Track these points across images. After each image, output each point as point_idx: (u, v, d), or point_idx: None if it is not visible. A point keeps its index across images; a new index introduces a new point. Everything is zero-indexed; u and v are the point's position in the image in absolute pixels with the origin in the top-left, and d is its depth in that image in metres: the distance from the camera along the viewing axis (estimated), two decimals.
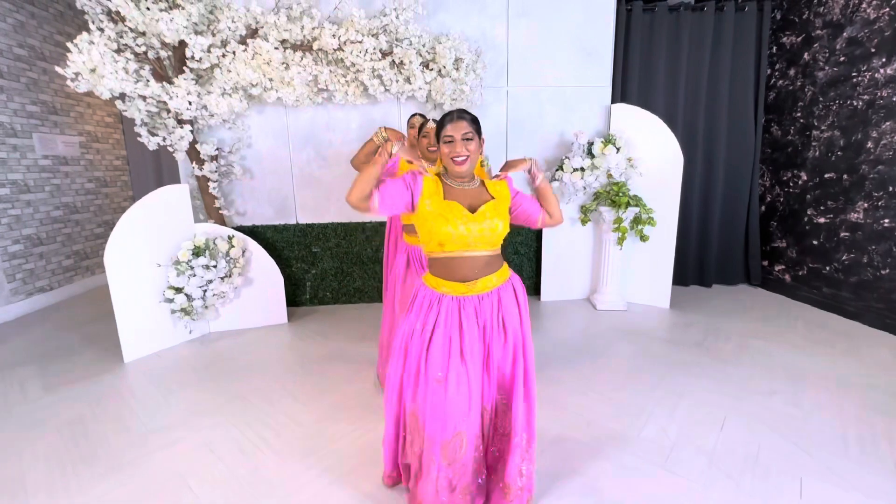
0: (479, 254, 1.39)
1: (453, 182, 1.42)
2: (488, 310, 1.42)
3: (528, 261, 3.88)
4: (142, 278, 2.82)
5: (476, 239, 1.36)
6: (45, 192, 4.03)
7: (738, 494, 1.61)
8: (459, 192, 1.41)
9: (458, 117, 1.37)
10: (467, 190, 1.42)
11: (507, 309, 1.43)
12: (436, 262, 1.43)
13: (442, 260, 1.40)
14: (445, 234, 1.34)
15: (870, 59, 3.14)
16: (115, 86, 2.73)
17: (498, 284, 1.44)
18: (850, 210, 3.33)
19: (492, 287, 1.42)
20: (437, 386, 1.36)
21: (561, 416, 2.11)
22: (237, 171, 3.35)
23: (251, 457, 1.86)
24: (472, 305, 1.40)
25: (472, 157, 1.37)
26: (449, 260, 1.39)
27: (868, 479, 1.67)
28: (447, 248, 1.37)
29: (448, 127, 1.36)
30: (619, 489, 1.64)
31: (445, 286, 1.41)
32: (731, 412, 2.13)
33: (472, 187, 1.43)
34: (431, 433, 1.37)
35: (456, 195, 1.40)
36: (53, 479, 1.75)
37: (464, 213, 1.35)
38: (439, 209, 1.35)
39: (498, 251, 1.44)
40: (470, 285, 1.40)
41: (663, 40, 3.76)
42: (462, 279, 1.40)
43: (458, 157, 1.36)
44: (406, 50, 3.05)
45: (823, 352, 2.77)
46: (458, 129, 1.35)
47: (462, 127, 1.35)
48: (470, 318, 1.39)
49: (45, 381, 2.57)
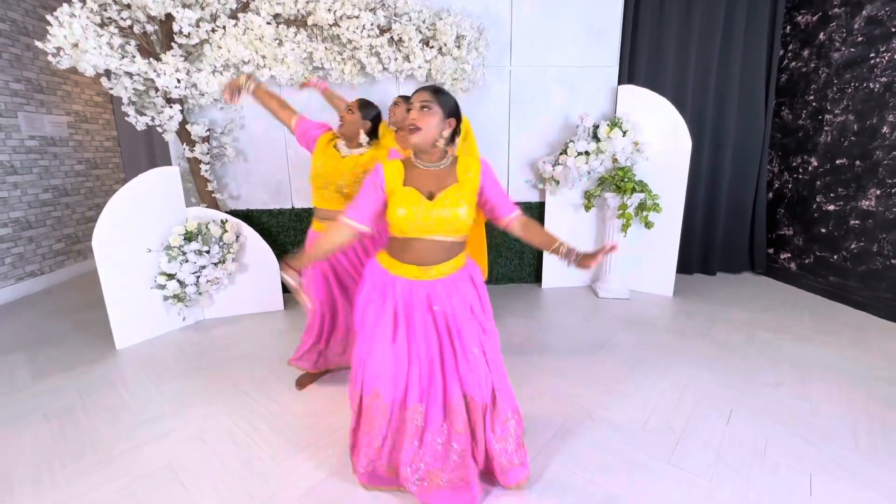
0: (441, 239, 1.34)
1: (420, 162, 1.36)
2: (444, 296, 1.37)
3: (530, 247, 3.79)
4: (132, 264, 2.73)
5: (435, 225, 1.30)
6: (33, 174, 3.91)
7: (746, 491, 1.56)
8: (422, 174, 1.35)
9: (423, 88, 1.33)
10: (431, 171, 1.35)
11: (465, 296, 1.40)
12: (395, 242, 1.39)
13: (401, 240, 1.36)
14: (401, 221, 1.30)
15: (890, 40, 3.01)
16: (98, 62, 2.60)
17: (453, 271, 1.39)
18: (861, 197, 3.24)
19: (447, 274, 1.37)
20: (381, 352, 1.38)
21: (562, 409, 2.05)
22: (230, 153, 3.23)
23: (245, 449, 1.81)
24: (425, 291, 1.37)
25: (425, 129, 1.29)
26: (408, 241, 1.35)
27: (880, 476, 1.63)
28: (408, 233, 1.33)
29: (413, 95, 1.33)
30: (623, 485, 1.59)
31: (399, 269, 1.37)
32: (737, 405, 2.07)
33: (438, 168, 1.36)
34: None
35: (417, 179, 1.34)
36: (40, 473, 1.69)
37: (421, 200, 1.30)
38: (398, 196, 1.31)
39: (463, 238, 1.38)
40: (424, 269, 1.35)
41: (673, 18, 3.60)
42: (417, 262, 1.35)
43: (410, 124, 1.29)
44: (405, 26, 2.90)
45: (831, 343, 2.71)
46: (418, 98, 1.30)
47: (422, 95, 1.30)
48: (421, 304, 1.36)
49: (35, 368, 2.51)
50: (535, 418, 1.97)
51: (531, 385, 2.25)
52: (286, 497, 1.55)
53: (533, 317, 3.15)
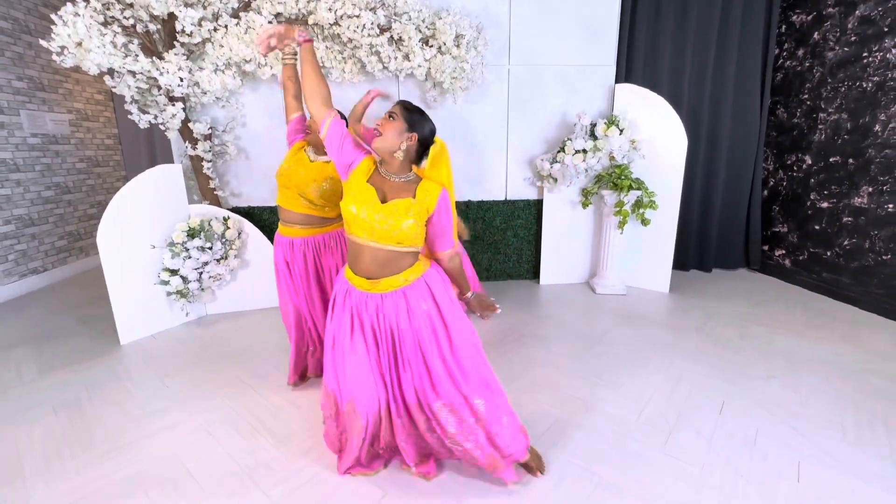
0: (382, 247, 1.35)
1: (384, 170, 1.42)
2: (392, 311, 1.40)
3: (528, 244, 3.84)
4: (136, 260, 2.77)
5: (379, 230, 1.33)
6: (36, 171, 3.94)
7: (736, 478, 1.62)
8: (382, 180, 1.40)
9: (399, 101, 1.42)
10: (390, 181, 1.39)
11: (419, 310, 1.40)
12: (350, 248, 1.44)
13: (351, 243, 1.41)
14: (349, 214, 1.34)
15: (882, 39, 3.05)
16: (102, 60, 2.63)
17: (404, 284, 1.40)
18: (853, 195, 3.29)
19: (395, 287, 1.39)
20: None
21: (559, 401, 2.11)
22: (232, 150, 3.27)
23: (249, 440, 1.85)
24: (375, 304, 1.40)
25: (386, 136, 1.36)
26: (354, 245, 1.40)
27: (865, 463, 1.68)
28: (353, 230, 1.37)
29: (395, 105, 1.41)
30: (617, 473, 1.64)
31: (353, 279, 1.43)
32: (729, 397, 2.13)
33: (398, 180, 1.40)
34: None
35: (377, 182, 1.39)
36: (50, 462, 1.74)
37: (373, 199, 1.34)
38: (355, 188, 1.36)
39: (407, 250, 1.37)
40: (373, 283, 1.39)
41: (670, 17, 3.64)
42: (364, 273, 1.39)
43: (378, 127, 1.38)
44: (405, 25, 2.94)
45: (822, 337, 2.77)
46: (392, 108, 1.39)
47: (394, 106, 1.39)
48: (370, 315, 1.41)
49: (41, 363, 2.55)
50: (532, 409, 2.02)
51: (528, 377, 2.31)
52: (290, 486, 1.60)
53: (531, 312, 3.20)
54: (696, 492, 1.56)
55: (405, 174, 1.41)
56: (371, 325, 1.42)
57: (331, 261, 2.08)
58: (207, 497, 1.56)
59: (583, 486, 1.58)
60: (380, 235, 1.33)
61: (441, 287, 1.45)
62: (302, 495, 1.55)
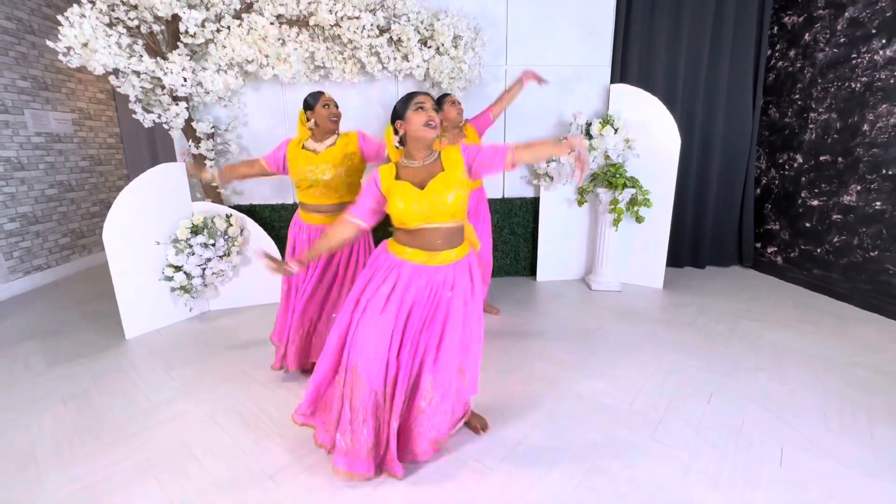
0: (440, 226, 1.47)
1: (409, 162, 1.51)
2: (441, 282, 1.52)
3: (525, 241, 3.91)
4: (141, 256, 2.83)
5: (431, 212, 1.44)
6: (40, 169, 4.00)
7: (721, 463, 1.69)
8: (411, 171, 1.50)
9: (424, 92, 1.50)
10: (416, 169, 1.49)
11: (464, 286, 1.55)
12: (399, 233, 1.53)
13: (405, 231, 1.50)
14: (401, 212, 1.44)
15: (870, 41, 3.13)
16: (107, 61, 2.69)
17: (457, 259, 1.54)
18: (843, 193, 3.37)
19: (450, 261, 1.52)
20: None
21: (553, 391, 2.17)
22: (234, 149, 3.33)
23: (254, 428, 1.92)
24: (428, 275, 1.50)
25: (439, 128, 1.48)
26: (410, 232, 1.49)
27: (845, 449, 1.76)
28: (407, 223, 1.47)
29: (419, 97, 1.47)
30: (608, 458, 1.71)
31: (407, 254, 1.50)
32: (718, 388, 2.20)
33: (424, 164, 1.50)
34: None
35: (406, 175, 1.49)
36: (62, 450, 1.80)
37: (413, 191, 1.44)
38: (393, 191, 1.46)
39: (458, 224, 1.52)
40: (431, 255, 1.49)
41: (664, 19, 3.71)
42: (424, 248, 1.49)
43: (431, 121, 1.45)
44: (404, 26, 3.00)
45: (811, 331, 2.84)
46: (427, 100, 1.48)
47: (430, 99, 1.48)
48: (422, 288, 1.51)
49: (49, 356, 2.61)
50: (527, 399, 2.10)
51: (525, 369, 2.37)
52: (294, 471, 1.67)
53: (528, 308, 3.27)
54: (683, 475, 1.63)
55: (430, 157, 1.52)
56: (413, 298, 1.50)
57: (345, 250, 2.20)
58: (215, 481, 1.62)
59: (574, 472, 1.65)
60: (432, 216, 1.44)
61: (477, 270, 1.62)
62: (305, 479, 1.62)
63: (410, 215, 1.44)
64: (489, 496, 1.54)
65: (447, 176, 1.46)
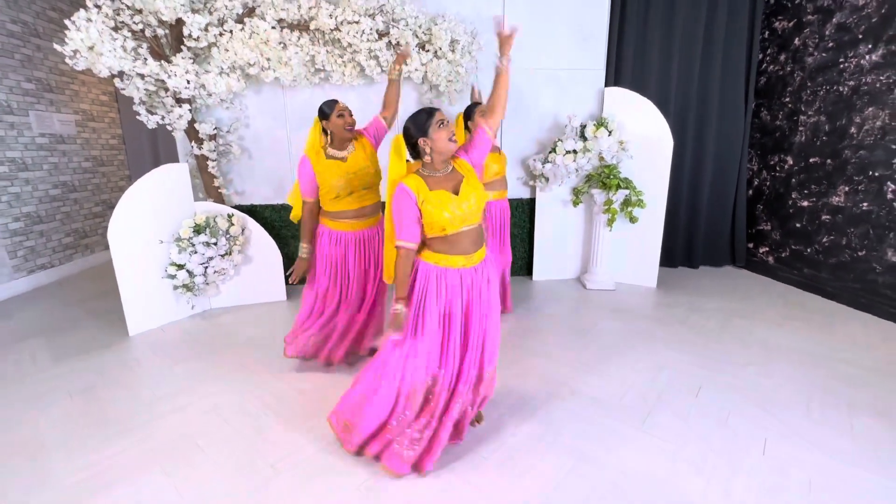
0: (472, 227, 1.57)
1: (432, 173, 1.57)
2: (481, 279, 1.62)
3: (521, 241, 3.98)
4: (145, 255, 2.89)
5: (466, 214, 1.53)
6: (44, 170, 4.06)
7: (707, 454, 1.75)
8: (439, 180, 1.56)
9: (436, 108, 1.57)
10: (443, 177, 1.57)
11: (491, 280, 1.66)
12: (437, 242, 1.58)
13: (443, 239, 1.56)
14: (444, 221, 1.51)
15: (857, 46, 3.21)
16: (113, 64, 2.76)
17: (484, 257, 1.64)
18: (831, 194, 3.45)
19: (480, 260, 1.62)
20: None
21: (548, 385, 2.24)
22: (235, 150, 3.39)
23: (256, 420, 1.98)
24: (470, 277, 1.60)
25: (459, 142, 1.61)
26: (449, 238, 1.56)
27: (826, 440, 1.82)
28: (449, 229, 1.53)
29: (438, 114, 1.55)
30: (598, 448, 1.78)
31: (448, 260, 1.58)
32: (706, 382, 2.27)
33: (446, 173, 1.58)
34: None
35: (438, 184, 1.55)
36: (70, 441, 1.86)
37: (451, 197, 1.52)
38: (432, 201, 1.50)
39: (480, 224, 1.63)
40: (469, 258, 1.59)
41: (657, 24, 3.79)
42: (463, 252, 1.58)
43: (453, 135, 1.55)
44: (402, 31, 3.08)
45: (800, 328, 2.91)
46: (444, 115, 1.57)
47: (446, 117, 1.58)
48: (466, 289, 1.61)
49: (54, 352, 2.67)
50: (522, 393, 2.16)
51: (520, 365, 2.44)
52: (294, 460, 1.73)
53: (524, 306, 3.33)
54: (670, 463, 1.69)
55: (449, 166, 1.61)
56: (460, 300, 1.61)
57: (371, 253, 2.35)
58: (219, 469, 1.68)
59: (566, 461, 1.71)
60: (469, 218, 1.56)
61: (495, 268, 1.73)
62: (305, 468, 1.68)
63: (453, 220, 1.52)
64: (483, 483, 1.60)
65: (470, 180, 1.59)
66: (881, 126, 3.07)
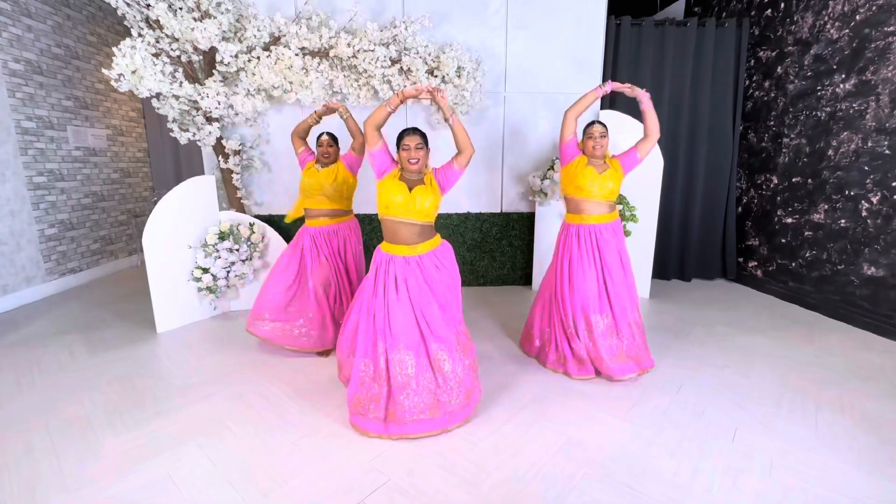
0: (413, 222, 1.94)
1: (408, 174, 1.98)
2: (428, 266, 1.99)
3: (521, 252, 4.22)
4: (174, 258, 3.16)
5: (408, 209, 1.91)
6: (77, 180, 4.37)
7: (681, 440, 1.95)
8: (407, 179, 1.99)
9: (412, 132, 1.96)
10: (411, 179, 1.99)
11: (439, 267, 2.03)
12: (385, 225, 1.99)
13: (387, 222, 1.97)
14: (389, 200, 1.92)
15: (832, 75, 3.47)
16: (153, 86, 3.07)
17: (433, 248, 2.02)
18: (812, 211, 3.67)
19: (427, 251, 1.98)
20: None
21: (542, 384, 2.45)
22: (257, 164, 3.69)
23: (277, 406, 2.21)
24: (415, 262, 1.96)
25: (421, 160, 1.96)
26: (392, 224, 1.95)
27: (792, 431, 2.02)
28: (391, 211, 1.93)
29: (406, 139, 1.95)
30: (583, 433, 1.99)
31: (394, 249, 1.98)
32: (687, 381, 2.47)
33: (416, 177, 2.00)
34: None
35: (404, 179, 1.98)
36: (114, 419, 2.09)
37: (404, 189, 1.93)
38: (391, 183, 1.94)
39: (429, 223, 2.00)
40: (413, 247, 1.97)
41: (650, 53, 4.09)
42: (404, 242, 1.96)
43: (412, 159, 1.94)
44: (413, 58, 3.38)
45: (779, 336, 3.11)
46: (413, 140, 1.94)
47: (415, 139, 1.95)
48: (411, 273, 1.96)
49: (90, 347, 2.92)
50: (515, 389, 2.37)
51: (515, 364, 2.65)
52: (314, 439, 1.95)
53: (523, 314, 3.54)
54: (646, 446, 1.90)
55: (420, 174, 2.01)
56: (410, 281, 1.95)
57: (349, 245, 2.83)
58: (246, 444, 1.91)
59: (553, 442, 1.92)
60: (410, 212, 1.92)
61: (447, 257, 2.07)
62: (324, 444, 1.90)
63: (394, 205, 1.91)
64: (479, 460, 1.81)
65: (427, 189, 1.96)
66: (854, 149, 3.31)
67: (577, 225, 2.52)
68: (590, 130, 2.54)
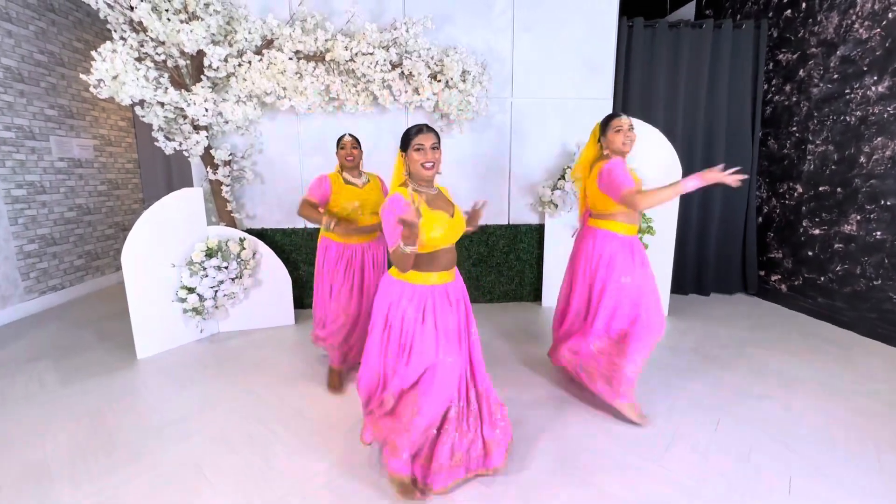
0: (452, 246, 1.65)
1: (425, 190, 1.59)
2: (460, 289, 1.72)
3: (531, 267, 3.97)
4: (156, 278, 2.91)
5: (455, 233, 1.60)
6: (60, 193, 4.14)
7: (729, 492, 1.69)
8: (435, 199, 1.60)
9: (426, 130, 1.54)
10: (438, 198, 1.62)
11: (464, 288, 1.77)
12: (422, 257, 1.57)
13: (428, 255, 1.57)
14: (437, 239, 1.54)
15: (862, 77, 3.25)
16: (135, 93, 2.85)
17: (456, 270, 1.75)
18: (843, 222, 3.43)
19: (455, 271, 1.71)
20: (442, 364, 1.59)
21: (561, 418, 2.19)
22: (249, 175, 3.46)
23: (263, 448, 1.94)
24: (455, 288, 1.68)
25: (436, 165, 1.56)
26: (434, 254, 1.59)
27: (853, 478, 1.75)
28: (439, 246, 1.57)
29: (420, 137, 1.53)
30: (616, 485, 1.72)
31: (434, 277, 1.61)
32: (724, 415, 2.20)
33: (435, 193, 1.63)
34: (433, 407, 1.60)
35: (435, 203, 1.58)
36: (75, 467, 1.83)
37: (447, 219, 1.57)
38: (429, 219, 1.51)
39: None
40: (449, 272, 1.65)
41: (663, 55, 3.88)
42: (444, 268, 1.63)
43: (427, 163, 1.53)
44: (415, 62, 3.16)
45: (816, 359, 2.85)
46: (427, 140, 1.53)
47: (431, 138, 1.54)
48: (454, 300, 1.67)
49: (62, 375, 2.66)
50: (535, 427, 2.11)
51: (532, 393, 2.39)
52: (303, 491, 1.68)
53: (533, 333, 3.29)
54: (688, 501, 1.63)
55: (432, 184, 1.65)
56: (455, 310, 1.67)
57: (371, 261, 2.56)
58: (226, 501, 1.64)
59: (582, 496, 1.66)
60: (453, 238, 1.62)
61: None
62: (314, 500, 1.63)
63: (444, 238, 1.56)
64: None
65: (456, 207, 1.68)
66: (891, 156, 3.08)
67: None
68: (617, 123, 2.17)
